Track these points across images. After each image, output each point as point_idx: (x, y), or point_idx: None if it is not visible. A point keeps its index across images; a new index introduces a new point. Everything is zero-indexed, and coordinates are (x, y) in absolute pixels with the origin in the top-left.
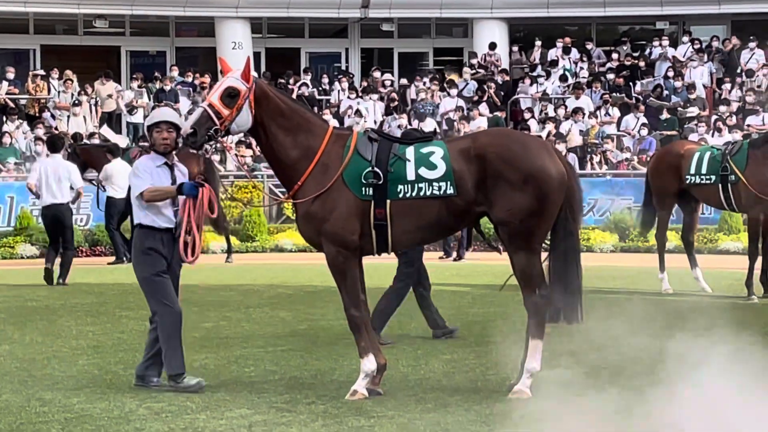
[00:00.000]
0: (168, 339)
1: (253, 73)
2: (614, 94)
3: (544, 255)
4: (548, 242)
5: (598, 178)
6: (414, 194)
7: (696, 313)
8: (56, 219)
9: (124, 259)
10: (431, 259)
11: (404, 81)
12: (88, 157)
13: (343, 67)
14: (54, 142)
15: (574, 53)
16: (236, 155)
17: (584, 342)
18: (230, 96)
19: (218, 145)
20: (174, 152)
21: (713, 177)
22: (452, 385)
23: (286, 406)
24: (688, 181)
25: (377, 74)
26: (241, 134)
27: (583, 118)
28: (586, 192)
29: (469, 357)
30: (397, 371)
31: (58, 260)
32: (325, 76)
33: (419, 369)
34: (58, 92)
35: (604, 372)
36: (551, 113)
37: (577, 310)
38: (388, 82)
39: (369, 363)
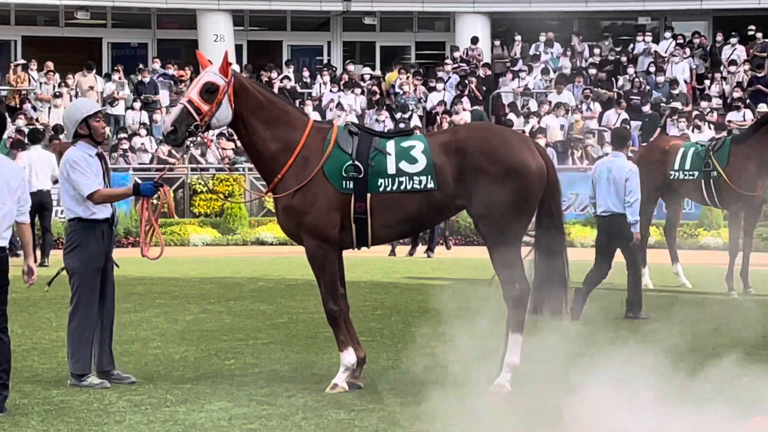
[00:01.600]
0: (81, 337)
1: (233, 66)
2: (597, 89)
3: (526, 250)
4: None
5: (579, 173)
6: (395, 188)
7: (676, 307)
8: (41, 204)
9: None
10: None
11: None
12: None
13: (325, 61)
14: (35, 135)
15: (557, 48)
16: (217, 148)
17: (563, 336)
18: (209, 91)
19: (197, 139)
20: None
21: (696, 173)
22: (432, 379)
23: (266, 399)
24: (672, 177)
25: (351, 67)
26: (222, 128)
27: (565, 113)
28: (568, 187)
29: (449, 351)
30: (378, 365)
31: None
32: (306, 69)
33: (400, 363)
34: (40, 84)
35: (583, 365)
36: (533, 108)
37: (561, 303)
38: (367, 76)
39: (348, 356)
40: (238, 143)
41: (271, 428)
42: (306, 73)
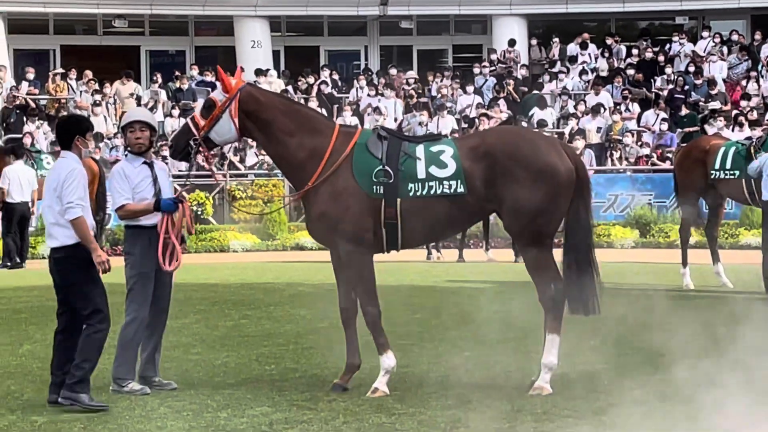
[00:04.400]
0: (127, 341)
1: (243, 81)
2: (635, 89)
3: (557, 251)
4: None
5: (618, 174)
6: (425, 193)
7: (716, 308)
8: (23, 215)
9: (9, 264)
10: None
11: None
12: None
13: (363, 65)
14: (16, 150)
15: (593, 49)
16: (257, 154)
17: (606, 337)
18: (207, 107)
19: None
20: (150, 151)
21: (737, 172)
22: (473, 382)
23: (306, 403)
24: (713, 176)
25: (393, 71)
26: (231, 143)
27: (603, 113)
28: (607, 188)
29: (489, 354)
30: (418, 368)
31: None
32: (342, 74)
33: (440, 366)
34: (80, 92)
35: (624, 368)
36: (571, 109)
37: (594, 302)
38: (411, 80)
39: (388, 360)
40: None
41: None
42: (340, 77)
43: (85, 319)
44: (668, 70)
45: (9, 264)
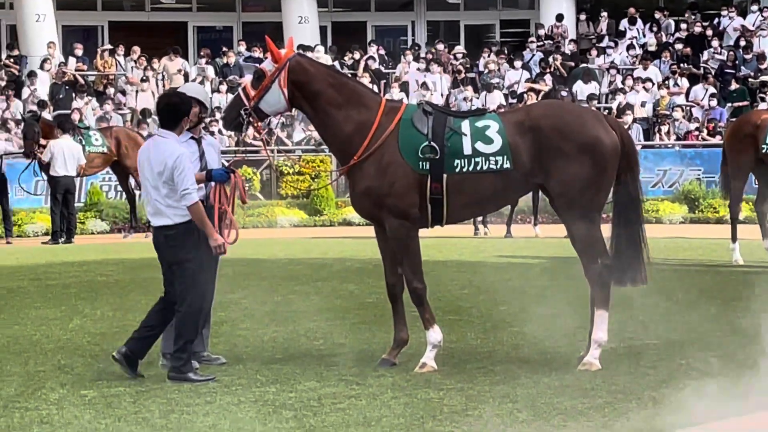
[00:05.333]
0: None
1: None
2: (682, 64)
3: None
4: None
5: (666, 149)
6: (471, 169)
7: (766, 284)
8: (66, 189)
9: (59, 240)
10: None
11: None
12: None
13: (410, 41)
14: (62, 125)
15: (641, 23)
16: (304, 130)
17: (655, 313)
18: (257, 78)
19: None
20: (199, 126)
21: None
22: (521, 358)
23: (355, 378)
24: (763, 151)
25: (440, 47)
26: (281, 113)
27: (651, 88)
28: (655, 163)
29: (537, 329)
30: (466, 344)
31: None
32: (389, 49)
33: (488, 341)
34: (131, 68)
35: (673, 344)
36: (619, 84)
37: (641, 272)
38: (459, 55)
39: (435, 334)
40: None
41: (360, 408)
42: (387, 52)
43: (184, 294)
44: (715, 43)
45: (58, 239)
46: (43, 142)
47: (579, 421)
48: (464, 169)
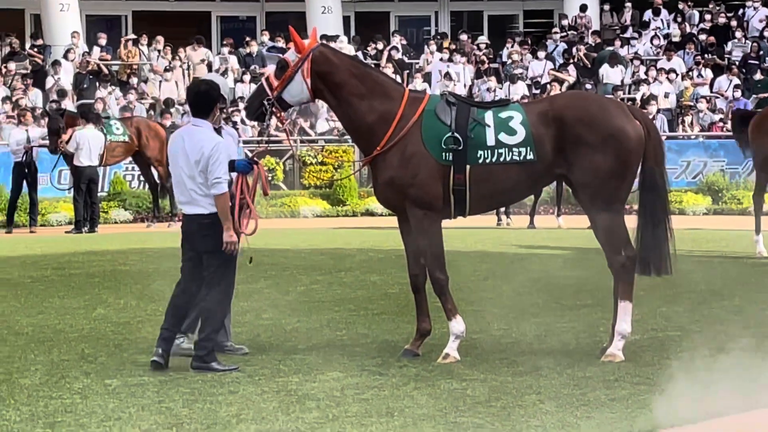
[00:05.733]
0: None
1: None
2: (707, 55)
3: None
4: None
5: (690, 140)
6: (494, 160)
7: None
8: (90, 179)
9: (83, 230)
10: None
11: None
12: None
13: (433, 31)
14: (86, 115)
15: (665, 14)
16: (328, 119)
17: (678, 304)
18: (280, 68)
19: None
20: (219, 116)
21: None
22: (544, 349)
23: (378, 369)
24: None
25: (464, 37)
26: (304, 103)
27: (675, 79)
28: (679, 154)
29: (560, 320)
30: (489, 335)
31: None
32: (412, 39)
33: (511, 332)
34: (157, 56)
35: (696, 335)
36: (642, 75)
37: (666, 262)
38: (483, 46)
39: (457, 325)
40: None
41: (383, 398)
42: (411, 42)
43: (212, 287)
44: (739, 34)
45: (81, 229)
46: (68, 132)
47: (602, 412)
48: (487, 160)
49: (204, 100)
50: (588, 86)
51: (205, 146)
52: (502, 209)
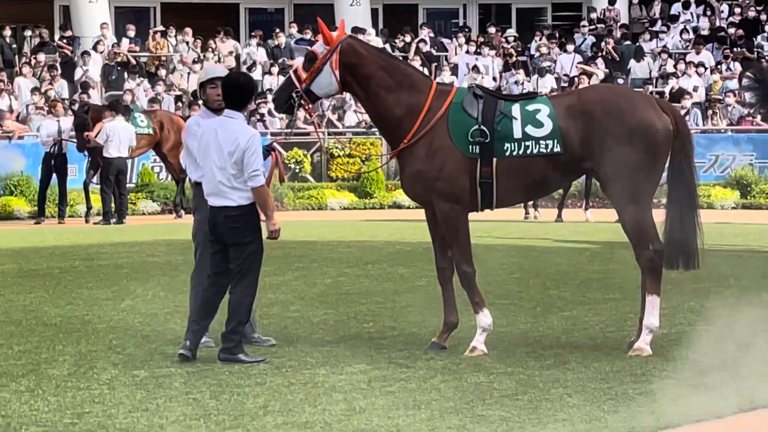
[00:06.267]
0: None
1: (345, 33)
2: (735, 49)
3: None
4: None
5: (719, 134)
6: (520, 152)
7: None
8: (119, 170)
9: (111, 221)
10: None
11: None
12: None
13: (461, 23)
14: (114, 107)
15: (694, 7)
16: (356, 111)
17: (706, 298)
18: (309, 60)
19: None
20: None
21: None
22: (571, 342)
23: (405, 361)
24: None
25: (492, 30)
26: (332, 95)
27: (704, 72)
28: (707, 148)
29: (588, 314)
30: (516, 328)
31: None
32: (440, 32)
33: (538, 326)
34: (188, 48)
35: (724, 329)
36: (671, 69)
37: (694, 256)
38: (511, 39)
39: (484, 318)
40: None
41: (410, 391)
42: (439, 35)
43: (240, 279)
44: None
45: (109, 220)
46: (97, 126)
47: (629, 406)
48: (514, 153)
49: (241, 92)
50: (620, 80)
51: (241, 138)
52: (530, 203)
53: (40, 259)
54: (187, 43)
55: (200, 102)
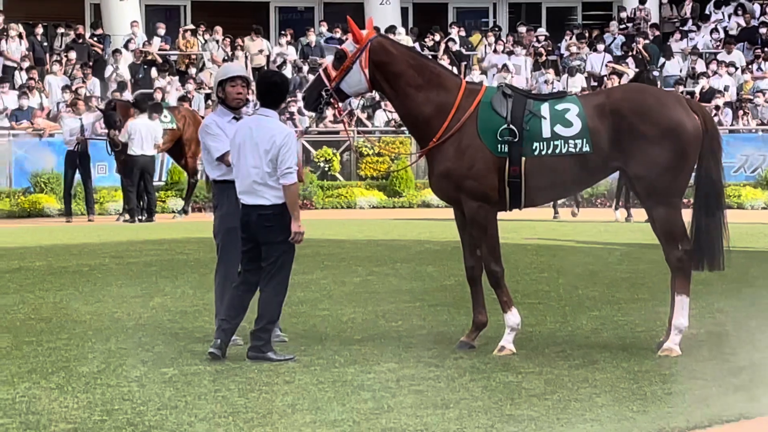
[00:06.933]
0: (217, 296)
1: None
2: (767, 48)
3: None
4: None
5: (749, 134)
6: (549, 152)
7: None
8: (144, 169)
9: (137, 219)
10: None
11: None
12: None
13: (491, 23)
14: (139, 105)
15: (725, 7)
16: (384, 110)
17: (735, 299)
18: (338, 59)
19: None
20: (243, 107)
21: None
22: (600, 342)
23: (433, 360)
24: None
25: (522, 29)
26: (361, 93)
27: (735, 72)
28: (737, 148)
29: (617, 314)
30: (545, 327)
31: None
32: (470, 31)
33: (567, 326)
34: (217, 47)
35: (753, 330)
36: (702, 68)
37: (719, 257)
38: (542, 38)
39: (513, 317)
40: None
41: (439, 390)
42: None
43: (271, 278)
44: None
45: (135, 218)
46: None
47: (658, 406)
48: (543, 152)
49: (276, 90)
50: (655, 73)
51: (277, 135)
52: (559, 201)
53: (69, 256)
54: (217, 41)
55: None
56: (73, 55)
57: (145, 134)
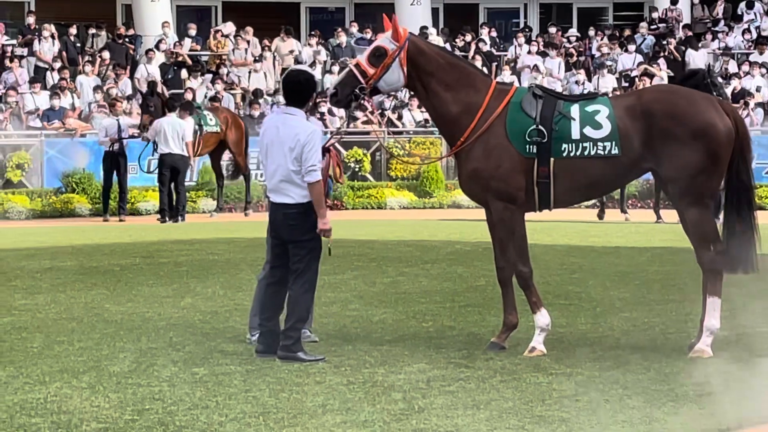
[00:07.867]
0: (256, 294)
1: (407, 30)
2: None
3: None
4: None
5: None
6: (578, 153)
7: None
8: (174, 167)
9: (167, 219)
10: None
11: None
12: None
13: (522, 23)
14: (171, 103)
15: (758, 7)
16: (409, 110)
17: (765, 300)
18: (377, 56)
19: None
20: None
21: None
22: (631, 344)
23: (464, 361)
24: None
25: (553, 30)
26: (395, 91)
27: (767, 73)
28: None
29: (648, 315)
30: (576, 329)
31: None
32: (501, 32)
33: (598, 327)
34: (246, 49)
35: None
36: (734, 69)
37: (752, 260)
38: (573, 38)
39: (542, 318)
40: None
41: (469, 390)
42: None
43: (297, 276)
44: None
45: (165, 218)
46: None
47: (690, 408)
48: (572, 154)
49: (302, 89)
50: (720, 79)
51: (301, 133)
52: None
53: (101, 256)
54: (248, 42)
55: (261, 101)
56: (106, 54)
57: (170, 132)
